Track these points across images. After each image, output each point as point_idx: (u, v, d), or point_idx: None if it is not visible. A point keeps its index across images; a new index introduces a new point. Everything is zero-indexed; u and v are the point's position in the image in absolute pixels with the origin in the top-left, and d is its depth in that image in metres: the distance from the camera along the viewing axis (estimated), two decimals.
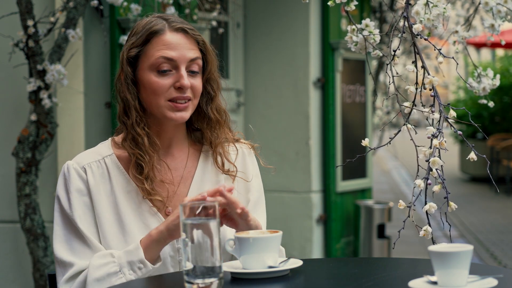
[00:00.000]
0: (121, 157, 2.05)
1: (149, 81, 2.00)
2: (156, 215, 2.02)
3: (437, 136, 1.76)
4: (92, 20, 4.17)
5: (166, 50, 1.99)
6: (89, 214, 2.00)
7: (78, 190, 2.00)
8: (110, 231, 1.99)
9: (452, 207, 1.77)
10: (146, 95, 2.02)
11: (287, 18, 5.72)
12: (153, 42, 2.00)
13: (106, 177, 2.03)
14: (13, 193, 4.06)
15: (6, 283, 4.29)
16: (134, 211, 2.01)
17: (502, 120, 12.79)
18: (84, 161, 2.04)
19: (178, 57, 2.00)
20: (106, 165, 2.04)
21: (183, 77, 1.99)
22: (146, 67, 2.01)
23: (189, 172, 2.10)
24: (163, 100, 2.00)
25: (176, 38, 2.01)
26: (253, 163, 2.16)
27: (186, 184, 2.09)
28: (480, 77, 2.51)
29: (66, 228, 2.00)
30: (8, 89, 4.23)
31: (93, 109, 4.20)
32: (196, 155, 2.13)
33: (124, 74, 2.02)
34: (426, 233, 1.75)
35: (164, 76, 2.00)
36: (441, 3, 1.94)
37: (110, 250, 1.96)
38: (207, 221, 1.59)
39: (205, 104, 2.09)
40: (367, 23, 2.04)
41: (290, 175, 5.72)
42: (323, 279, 1.80)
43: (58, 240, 2.00)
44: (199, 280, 1.58)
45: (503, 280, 1.59)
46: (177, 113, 2.01)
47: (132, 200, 2.02)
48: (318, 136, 5.76)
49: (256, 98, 5.87)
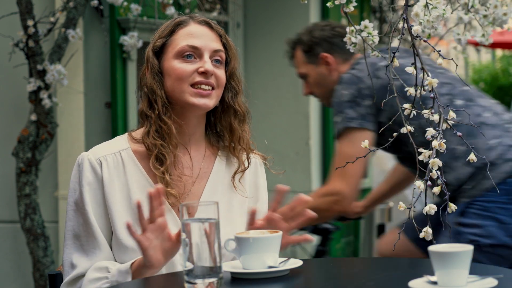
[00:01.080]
0: (137, 152, 2.06)
1: (173, 67, 2.04)
2: (170, 212, 2.02)
3: (437, 137, 1.76)
4: (92, 20, 4.17)
5: (190, 39, 2.05)
6: (100, 207, 2.01)
7: (89, 183, 2.01)
8: (122, 224, 1.98)
9: (452, 208, 1.77)
10: (170, 83, 2.04)
11: (287, 18, 5.72)
12: (178, 32, 2.07)
13: (121, 170, 2.04)
14: (13, 193, 4.06)
15: (6, 283, 4.29)
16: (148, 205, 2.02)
17: None
18: (100, 153, 2.04)
19: (202, 46, 2.05)
20: (122, 158, 2.05)
21: (207, 62, 2.03)
22: (171, 56, 2.05)
23: (205, 172, 2.11)
24: (187, 85, 2.03)
25: (201, 29, 2.08)
26: (263, 175, 2.22)
27: (201, 184, 2.10)
28: None
29: (78, 222, 2.01)
30: (8, 89, 4.23)
31: (93, 109, 4.20)
32: (212, 157, 2.14)
33: (150, 66, 2.06)
34: (426, 234, 1.75)
35: (188, 63, 2.04)
36: (441, 4, 1.94)
37: (108, 262, 1.96)
38: (207, 221, 1.59)
39: (231, 98, 2.11)
40: (366, 24, 2.04)
41: (290, 175, 5.72)
42: (323, 279, 1.80)
43: (68, 236, 2.02)
44: (199, 280, 1.58)
45: (503, 280, 1.60)
46: (201, 99, 2.03)
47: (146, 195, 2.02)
48: (318, 136, 5.76)
49: (256, 98, 5.87)
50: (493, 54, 16.21)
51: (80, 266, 1.98)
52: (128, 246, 1.98)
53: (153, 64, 2.06)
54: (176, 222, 2.02)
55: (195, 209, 1.70)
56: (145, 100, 2.06)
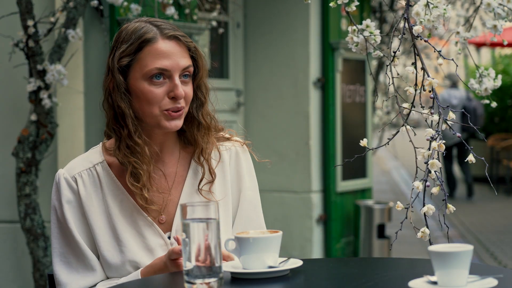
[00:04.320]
0: (112, 164, 2.03)
1: (142, 90, 1.96)
2: (152, 226, 2.01)
3: (436, 138, 1.76)
4: (92, 20, 4.17)
5: (159, 60, 1.95)
6: (82, 224, 1.99)
7: (68, 201, 1.99)
8: (104, 240, 1.98)
9: (450, 209, 1.77)
10: (139, 104, 1.98)
11: (287, 18, 5.72)
12: (146, 50, 1.96)
13: (98, 185, 2.01)
14: (13, 193, 4.06)
15: (6, 283, 4.29)
16: (128, 219, 2.00)
17: (501, 120, 12.79)
18: (75, 170, 2.02)
19: (172, 66, 1.96)
20: (97, 173, 2.02)
21: (178, 86, 1.96)
22: (139, 76, 1.97)
23: (181, 176, 2.07)
24: (157, 109, 1.96)
25: (169, 46, 1.97)
26: (246, 160, 2.13)
27: (178, 189, 2.06)
28: (481, 77, 2.51)
29: (63, 240, 1.99)
30: (8, 89, 4.23)
31: (93, 109, 4.20)
32: (187, 158, 2.09)
33: (115, 83, 1.98)
34: (424, 234, 1.75)
35: (157, 85, 1.96)
36: (442, 4, 1.94)
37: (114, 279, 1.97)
38: (207, 221, 1.59)
39: (195, 110, 2.05)
40: (368, 24, 2.04)
41: (290, 175, 5.72)
42: (323, 279, 1.80)
43: (55, 254, 2.00)
44: (199, 280, 1.58)
45: (503, 280, 1.59)
46: (172, 122, 1.98)
47: (124, 209, 2.00)
48: (318, 136, 5.76)
49: (256, 98, 5.87)
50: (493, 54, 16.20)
51: (72, 284, 1.97)
52: (111, 263, 1.97)
53: (120, 82, 1.97)
54: (160, 235, 2.01)
55: (194, 209, 1.69)
56: (111, 114, 1.99)
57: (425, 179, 1.73)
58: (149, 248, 1.99)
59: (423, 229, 1.75)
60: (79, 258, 1.98)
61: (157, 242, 2.00)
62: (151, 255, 1.98)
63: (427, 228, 1.75)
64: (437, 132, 1.77)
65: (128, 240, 1.98)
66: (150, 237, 1.99)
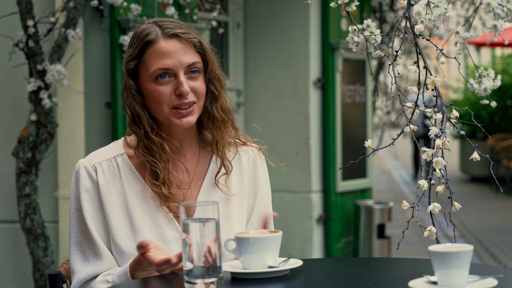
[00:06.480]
0: (133, 157, 2.07)
1: (150, 90, 2.01)
2: (173, 221, 2.03)
3: (440, 136, 1.76)
4: (92, 20, 4.17)
5: (161, 60, 1.99)
6: (98, 213, 2.03)
7: (86, 189, 2.03)
8: (119, 228, 2.01)
9: (456, 207, 1.77)
10: (151, 105, 2.03)
11: (287, 18, 5.72)
12: (148, 52, 2.00)
13: (117, 175, 2.05)
14: (13, 193, 4.06)
15: (6, 283, 4.29)
16: (145, 211, 2.02)
17: (501, 120, 12.79)
18: (95, 159, 2.06)
19: (175, 65, 1.99)
20: (117, 164, 2.06)
21: (182, 83, 1.99)
22: (146, 77, 2.01)
23: (200, 173, 2.11)
24: (166, 107, 2.01)
25: (171, 45, 2.01)
26: (263, 166, 2.18)
27: (197, 185, 2.10)
28: (481, 78, 2.51)
29: (80, 229, 2.03)
30: (8, 89, 4.23)
31: (93, 109, 4.20)
32: (207, 156, 2.13)
33: (128, 88, 2.04)
34: (431, 233, 1.75)
35: (163, 84, 2.00)
36: (442, 3, 1.94)
37: (109, 271, 1.98)
38: (207, 221, 1.59)
39: (209, 103, 2.09)
40: (369, 24, 2.04)
41: (290, 175, 5.72)
42: (323, 279, 1.80)
43: (72, 243, 2.04)
44: (199, 280, 1.58)
45: (503, 280, 1.59)
46: (183, 119, 2.02)
47: (142, 199, 2.03)
48: (318, 136, 5.76)
49: (256, 98, 5.87)
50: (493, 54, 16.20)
51: (81, 272, 2.00)
52: (126, 251, 2.00)
53: (131, 85, 2.03)
54: (177, 229, 2.04)
55: (194, 209, 1.69)
56: (130, 115, 2.05)
57: (430, 178, 1.73)
58: (164, 239, 2.01)
59: (430, 227, 1.75)
60: (90, 246, 2.01)
61: (173, 235, 2.01)
62: (165, 247, 2.00)
63: (434, 226, 1.74)
64: (441, 130, 1.77)
65: (144, 230, 2.00)
66: (168, 229, 2.02)
